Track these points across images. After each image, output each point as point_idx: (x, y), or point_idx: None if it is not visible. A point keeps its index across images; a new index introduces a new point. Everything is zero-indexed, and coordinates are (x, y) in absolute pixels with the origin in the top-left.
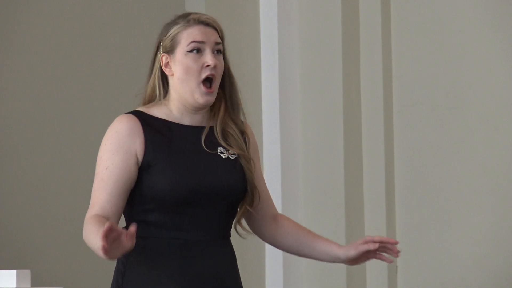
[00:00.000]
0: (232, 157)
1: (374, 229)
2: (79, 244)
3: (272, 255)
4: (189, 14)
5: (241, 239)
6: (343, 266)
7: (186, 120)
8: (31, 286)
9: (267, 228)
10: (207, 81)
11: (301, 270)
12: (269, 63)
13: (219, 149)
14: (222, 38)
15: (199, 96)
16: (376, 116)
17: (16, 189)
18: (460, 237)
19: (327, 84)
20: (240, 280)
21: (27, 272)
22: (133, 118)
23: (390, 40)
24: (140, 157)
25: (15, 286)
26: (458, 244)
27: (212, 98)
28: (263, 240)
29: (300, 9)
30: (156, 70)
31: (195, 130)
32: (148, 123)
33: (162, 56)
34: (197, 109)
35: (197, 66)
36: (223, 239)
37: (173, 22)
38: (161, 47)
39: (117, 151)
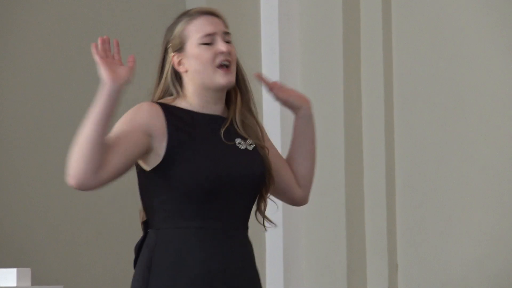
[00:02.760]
0: (250, 148)
1: (374, 228)
2: (80, 243)
3: (272, 255)
4: (190, 10)
5: None
6: (343, 265)
7: (209, 110)
8: (31, 285)
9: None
10: (223, 66)
11: (301, 270)
12: (270, 63)
13: (237, 140)
14: (227, 27)
15: (220, 78)
16: (376, 115)
17: (17, 188)
18: (460, 236)
19: (327, 83)
20: (256, 270)
21: (27, 271)
22: (155, 105)
23: (391, 40)
24: (163, 143)
25: (15, 285)
26: (459, 243)
27: (232, 78)
28: (305, 191)
29: (301, 9)
30: (167, 72)
31: (217, 121)
32: (170, 112)
33: (173, 56)
34: (219, 93)
35: (211, 54)
36: (245, 230)
37: (176, 22)
38: (169, 49)
39: (132, 121)
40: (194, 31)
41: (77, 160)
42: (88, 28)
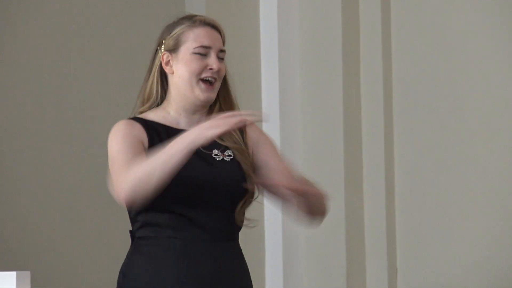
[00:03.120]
0: (227, 159)
1: (373, 231)
2: (80, 246)
3: (272, 255)
4: (194, 15)
5: (241, 240)
6: (343, 267)
7: (183, 122)
8: None
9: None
10: (207, 82)
11: (301, 273)
12: (269, 64)
13: (214, 151)
14: (223, 43)
15: (200, 92)
16: (376, 118)
17: (16, 190)
18: (460, 239)
19: (327, 86)
20: (248, 281)
21: (27, 274)
22: (133, 121)
23: (390, 42)
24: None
25: None
26: (458, 246)
27: (212, 95)
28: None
29: (300, 11)
30: (155, 69)
31: None
32: (148, 126)
33: (163, 54)
34: (197, 107)
35: (200, 66)
36: (226, 241)
37: (177, 23)
38: (163, 46)
39: (125, 135)
40: (192, 39)
41: (145, 185)
42: (87, 28)
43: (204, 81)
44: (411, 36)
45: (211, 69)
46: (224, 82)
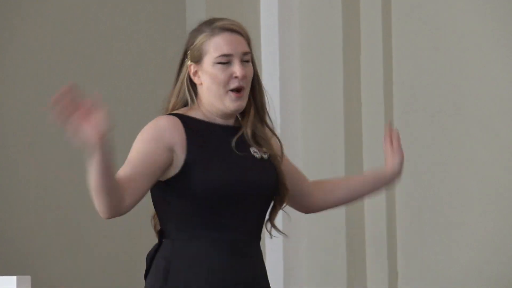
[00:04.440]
0: (265, 156)
1: (374, 234)
2: (80, 250)
3: (273, 257)
4: (214, 21)
5: None
6: (343, 271)
7: (219, 122)
8: None
9: (315, 199)
10: (236, 90)
11: (301, 277)
12: (270, 68)
13: (252, 149)
14: (249, 44)
15: (230, 102)
16: (376, 122)
17: (17, 194)
18: (461, 243)
19: (327, 89)
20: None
21: (27, 278)
22: (174, 117)
23: (391, 46)
24: (182, 156)
25: None
26: (459, 250)
27: (243, 103)
28: (319, 210)
29: (301, 14)
30: (184, 78)
31: (230, 131)
32: (188, 124)
33: (190, 65)
34: (228, 115)
35: (225, 76)
36: (259, 240)
37: (198, 30)
38: (188, 55)
39: (152, 139)
40: (212, 48)
41: (98, 202)
42: (87, 28)
43: (232, 90)
44: (411, 40)
45: (236, 77)
46: (257, 80)
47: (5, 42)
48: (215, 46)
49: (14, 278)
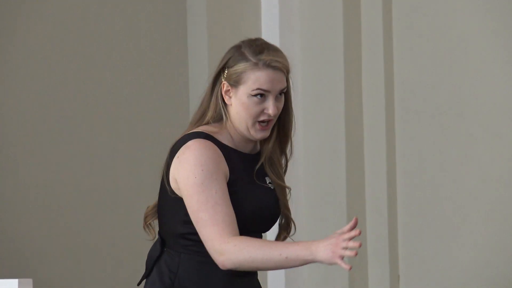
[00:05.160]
0: (272, 187)
1: (375, 236)
2: (82, 253)
3: None
4: (262, 50)
5: None
6: (345, 275)
7: (242, 147)
8: None
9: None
10: (263, 123)
11: (303, 280)
12: None
13: (267, 179)
14: (288, 79)
15: (255, 133)
16: (378, 123)
17: (18, 197)
18: (462, 244)
19: (328, 91)
20: None
21: (29, 281)
22: (212, 144)
23: (392, 47)
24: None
25: None
26: (460, 251)
27: (267, 134)
28: None
29: (302, 17)
30: (218, 93)
31: (250, 160)
32: (224, 150)
33: (224, 83)
34: (250, 141)
35: (258, 110)
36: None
37: (242, 55)
38: (226, 72)
39: (216, 173)
40: (252, 81)
41: (243, 268)
42: (86, 28)
43: (260, 123)
44: (412, 40)
45: (268, 114)
46: (286, 108)
47: (5, 42)
48: (256, 80)
49: (15, 281)
